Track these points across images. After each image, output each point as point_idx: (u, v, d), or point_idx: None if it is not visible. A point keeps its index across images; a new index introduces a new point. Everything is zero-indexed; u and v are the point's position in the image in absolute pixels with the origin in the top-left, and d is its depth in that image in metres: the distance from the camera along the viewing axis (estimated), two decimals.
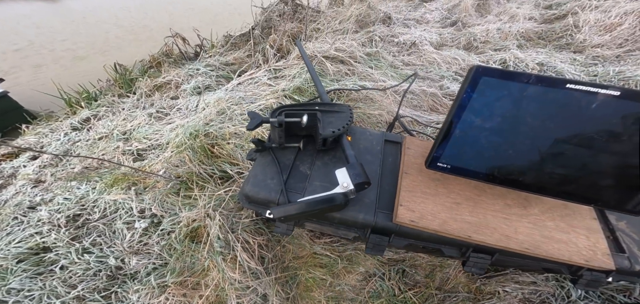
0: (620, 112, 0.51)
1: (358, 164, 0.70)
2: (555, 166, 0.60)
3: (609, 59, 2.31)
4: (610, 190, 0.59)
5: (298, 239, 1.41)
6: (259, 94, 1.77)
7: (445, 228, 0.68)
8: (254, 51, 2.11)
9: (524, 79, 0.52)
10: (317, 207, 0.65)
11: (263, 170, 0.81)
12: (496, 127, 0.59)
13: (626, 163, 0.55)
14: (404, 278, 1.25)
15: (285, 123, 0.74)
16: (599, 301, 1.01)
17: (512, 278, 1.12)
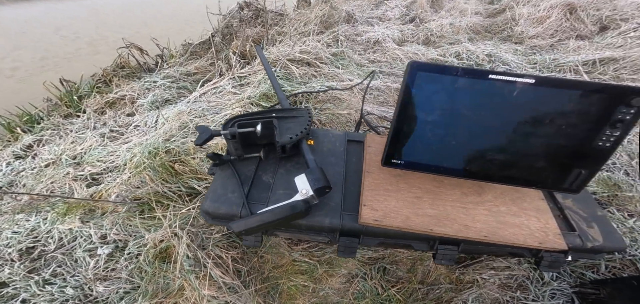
0: (538, 98, 0.56)
1: (318, 168, 0.69)
2: (493, 153, 0.65)
3: (544, 48, 2.55)
4: (546, 171, 0.65)
5: (276, 248, 1.38)
6: (224, 103, 1.71)
7: (408, 224, 0.70)
8: (216, 59, 2.03)
9: (454, 72, 0.55)
10: (277, 216, 0.64)
11: (223, 184, 0.78)
12: (437, 120, 0.62)
13: (552, 144, 0.60)
14: (385, 276, 1.27)
15: (238, 134, 0.71)
16: (570, 280, 1.05)
17: (487, 265, 1.16)
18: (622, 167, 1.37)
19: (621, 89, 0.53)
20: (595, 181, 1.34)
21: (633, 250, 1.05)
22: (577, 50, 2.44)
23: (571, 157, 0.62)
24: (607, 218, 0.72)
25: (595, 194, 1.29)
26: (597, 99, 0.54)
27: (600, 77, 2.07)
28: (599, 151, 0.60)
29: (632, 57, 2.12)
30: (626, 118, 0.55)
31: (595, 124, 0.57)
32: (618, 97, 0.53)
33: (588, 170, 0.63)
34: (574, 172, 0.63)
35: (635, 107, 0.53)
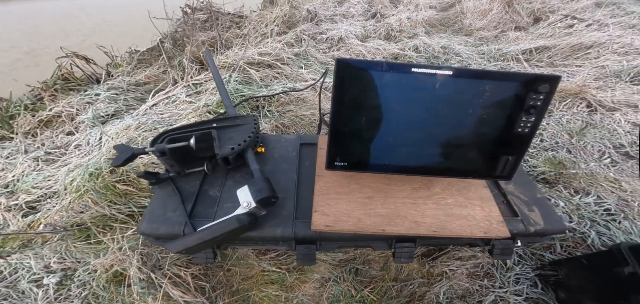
0: (458, 89, 0.57)
1: (262, 178, 0.66)
2: (427, 148, 0.65)
3: (490, 39, 2.71)
4: (477, 161, 0.67)
5: (244, 259, 1.32)
6: (178, 114, 1.60)
7: (360, 227, 0.69)
8: (169, 66, 1.90)
9: (379, 68, 0.55)
10: (219, 233, 0.59)
11: (162, 203, 0.72)
12: (371, 117, 0.62)
13: (477, 134, 0.62)
14: (358, 277, 1.25)
15: (169, 150, 0.65)
16: (532, 263, 1.08)
17: (454, 256, 1.18)
18: (564, 145, 1.48)
19: (529, 77, 0.56)
20: (542, 161, 1.43)
21: (581, 227, 1.12)
22: (516, 40, 2.63)
23: (497, 145, 0.64)
24: (546, 200, 0.76)
25: (544, 174, 1.38)
26: (511, 87, 0.57)
27: (537, 64, 2.24)
28: (519, 137, 0.62)
29: (561, 45, 2.33)
30: (537, 104, 0.57)
31: (513, 111, 0.59)
32: (528, 84, 0.56)
33: (514, 156, 0.65)
34: (503, 160, 0.66)
35: (544, 93, 0.56)
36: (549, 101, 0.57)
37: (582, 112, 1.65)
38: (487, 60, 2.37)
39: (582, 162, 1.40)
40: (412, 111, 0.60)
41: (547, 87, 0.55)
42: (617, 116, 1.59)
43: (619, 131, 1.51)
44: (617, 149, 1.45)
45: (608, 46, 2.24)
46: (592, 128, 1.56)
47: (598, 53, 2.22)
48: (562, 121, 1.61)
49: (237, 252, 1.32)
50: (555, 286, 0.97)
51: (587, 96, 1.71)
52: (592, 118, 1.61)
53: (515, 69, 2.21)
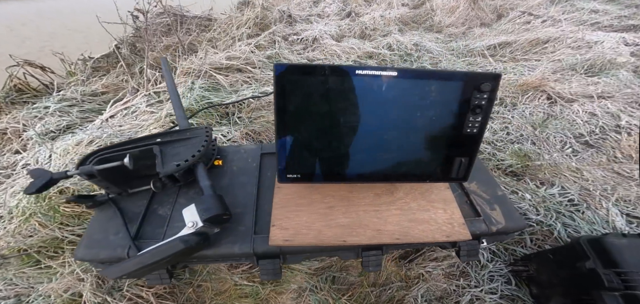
0: (404, 91, 0.55)
1: (212, 196, 0.61)
2: (381, 153, 0.63)
3: (458, 35, 2.79)
4: (432, 164, 0.65)
5: (216, 274, 1.25)
6: (138, 125, 1.50)
7: (320, 239, 0.66)
8: (129, 74, 1.78)
9: (321, 72, 0.52)
10: (162, 256, 0.54)
11: (102, 226, 0.67)
12: (317, 124, 0.58)
13: (428, 136, 0.61)
14: (335, 285, 1.22)
15: (98, 172, 0.59)
16: (506, 259, 1.08)
17: (429, 257, 1.17)
18: (528, 138, 1.52)
19: (472, 76, 0.55)
20: (509, 154, 1.46)
21: (548, 219, 1.13)
22: (481, 36, 2.72)
23: (448, 147, 0.63)
24: (506, 198, 0.76)
25: (511, 167, 1.41)
26: (455, 87, 0.55)
27: (501, 59, 2.32)
28: (469, 138, 0.61)
29: (520, 40, 2.43)
30: (482, 103, 0.56)
31: (460, 112, 0.58)
32: (470, 84, 0.55)
33: (467, 157, 0.64)
34: (456, 161, 0.64)
35: (487, 91, 0.55)
36: (493, 99, 0.56)
37: (543, 104, 1.72)
38: (456, 57, 2.43)
39: (546, 153, 1.44)
40: (361, 116, 0.57)
41: (489, 86, 0.54)
42: (575, 107, 1.66)
43: (578, 121, 1.58)
44: (577, 138, 1.51)
45: (562, 41, 2.37)
46: (553, 119, 1.62)
47: (554, 47, 2.34)
48: (525, 114, 1.66)
49: (208, 266, 1.26)
50: (528, 281, 0.97)
51: (546, 89, 1.78)
52: (553, 110, 1.68)
53: (481, 64, 2.27)
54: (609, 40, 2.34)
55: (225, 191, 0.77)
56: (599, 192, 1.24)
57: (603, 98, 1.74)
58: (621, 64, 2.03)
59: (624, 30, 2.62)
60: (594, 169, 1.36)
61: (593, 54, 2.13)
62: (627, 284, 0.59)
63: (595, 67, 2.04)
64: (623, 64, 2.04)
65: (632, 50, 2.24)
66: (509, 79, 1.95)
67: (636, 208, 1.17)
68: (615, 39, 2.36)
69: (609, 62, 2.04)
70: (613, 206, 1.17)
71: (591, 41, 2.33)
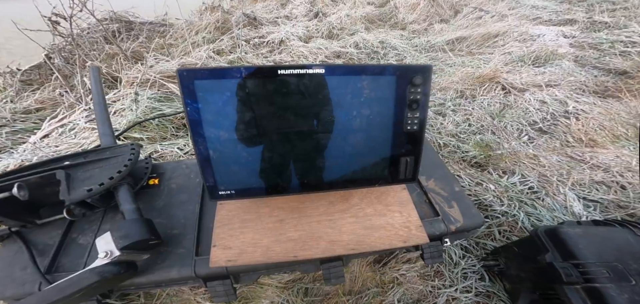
0: (335, 89, 0.50)
1: (134, 220, 0.52)
2: (323, 161, 0.57)
3: (420, 32, 2.85)
4: (378, 167, 0.61)
5: (178, 295, 1.14)
6: (77, 144, 1.33)
7: (269, 256, 0.59)
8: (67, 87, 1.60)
9: (236, 74, 0.46)
10: (71, 291, 0.46)
11: (8, 262, 0.58)
12: (243, 133, 0.52)
13: (368, 137, 0.57)
14: (308, 297, 1.16)
15: None
16: (478, 254, 1.06)
17: (401, 260, 1.14)
18: (488, 128, 1.56)
19: (402, 69, 0.51)
20: (472, 145, 1.49)
21: (512, 209, 1.13)
22: (441, 32, 2.81)
23: (392, 148, 0.59)
24: (463, 194, 0.74)
25: (475, 158, 1.43)
26: (387, 82, 0.52)
27: (459, 53, 2.41)
28: (411, 135, 0.58)
29: (474, 35, 2.55)
30: (418, 98, 0.53)
31: (397, 109, 0.55)
32: (402, 77, 0.52)
33: (412, 156, 0.60)
34: (402, 162, 0.61)
35: (420, 85, 0.52)
36: (428, 93, 0.53)
37: (499, 94, 1.78)
38: (419, 52, 2.47)
39: (505, 142, 1.48)
40: (292, 120, 0.51)
41: (421, 79, 0.51)
42: (527, 96, 1.74)
43: (530, 109, 1.65)
44: (531, 126, 1.58)
45: (510, 34, 2.51)
46: (509, 109, 1.68)
47: (503, 41, 2.47)
48: (484, 104, 1.71)
49: (167, 289, 1.15)
50: (500, 276, 0.95)
51: (500, 80, 1.85)
52: (508, 99, 1.74)
53: (442, 59, 2.33)
54: (550, 33, 2.52)
55: (160, 211, 0.68)
56: (556, 178, 1.28)
57: (550, 86, 1.84)
58: (563, 55, 2.18)
59: (562, 24, 2.84)
60: (550, 155, 1.41)
61: (537, 46, 2.27)
62: (586, 277, 0.58)
63: (540, 58, 2.17)
64: (564, 55, 2.19)
65: (570, 41, 2.42)
66: (467, 72, 2.00)
67: (591, 192, 1.22)
68: (554, 32, 2.54)
69: (552, 53, 2.18)
70: (570, 190, 1.21)
71: (535, 35, 2.49)
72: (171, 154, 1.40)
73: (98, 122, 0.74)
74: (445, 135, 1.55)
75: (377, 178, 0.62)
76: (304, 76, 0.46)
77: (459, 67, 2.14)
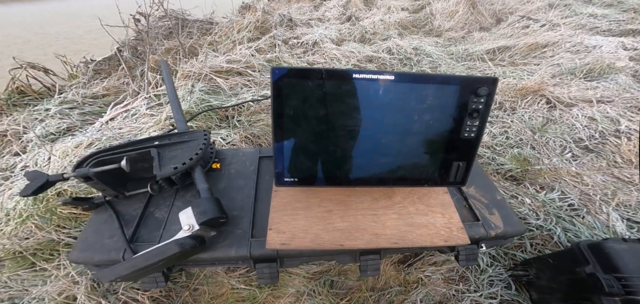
0: (402, 94, 0.55)
1: (209, 199, 0.61)
2: (379, 157, 0.63)
3: (457, 39, 2.79)
4: (430, 168, 0.65)
5: (213, 277, 1.24)
6: (137, 128, 1.50)
7: (318, 243, 0.65)
8: (130, 77, 1.79)
9: (318, 75, 0.51)
10: (156, 259, 0.54)
11: (97, 230, 0.66)
12: (315, 128, 0.58)
13: (426, 140, 0.61)
14: (333, 289, 1.21)
15: (95, 175, 0.59)
16: (505, 263, 1.07)
17: (428, 262, 1.16)
18: (528, 142, 1.52)
19: (468, 80, 0.54)
20: (509, 158, 1.46)
21: (548, 224, 1.13)
22: (481, 40, 2.74)
23: (446, 151, 0.63)
24: (505, 202, 0.75)
25: (511, 171, 1.40)
26: (452, 91, 0.55)
27: (500, 63, 2.33)
28: (467, 142, 0.61)
29: (519, 44, 2.44)
30: (479, 107, 0.56)
31: (457, 116, 0.58)
32: (467, 88, 0.55)
33: (464, 161, 0.63)
34: (454, 166, 0.64)
35: (483, 96, 0.54)
36: (490, 104, 0.56)
37: (543, 108, 1.72)
38: (455, 61, 2.43)
39: (546, 158, 1.44)
40: (358, 120, 0.57)
41: (486, 90, 0.54)
42: (574, 111, 1.66)
43: (577, 125, 1.58)
44: (577, 143, 1.51)
45: (561, 45, 2.37)
46: (553, 124, 1.62)
47: (553, 52, 2.34)
48: (524, 118, 1.66)
49: (205, 270, 1.25)
50: (528, 286, 0.96)
51: (545, 93, 1.78)
52: (552, 114, 1.67)
53: (480, 68, 2.27)
54: (608, 44, 2.35)
55: (222, 194, 0.76)
56: (599, 197, 1.23)
57: (602, 102, 1.74)
58: (620, 69, 2.04)
59: (623, 34, 2.63)
60: (594, 174, 1.35)
61: (592, 59, 2.13)
62: (628, 289, 0.59)
63: (594, 71, 2.04)
64: (622, 69, 2.04)
65: (631, 54, 2.25)
66: (508, 84, 1.95)
67: (637, 213, 1.16)
68: (613, 43, 2.37)
69: (608, 67, 2.04)
70: (613, 210, 1.16)
71: (590, 46, 2.34)
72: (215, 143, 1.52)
73: (173, 110, 0.85)
74: (481, 146, 1.53)
75: (427, 179, 0.66)
76: (376, 80, 0.51)
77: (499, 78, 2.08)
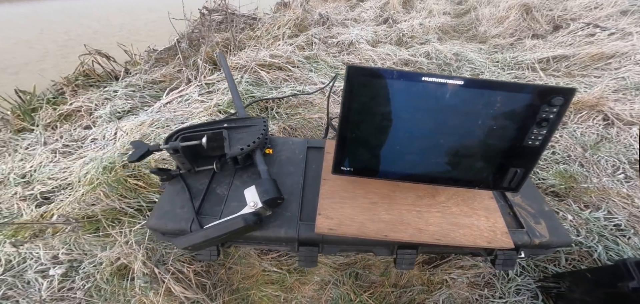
0: (468, 99, 0.56)
1: (269, 179, 0.67)
2: (434, 157, 0.65)
3: (505, 47, 2.66)
4: (484, 172, 0.66)
5: (246, 258, 1.34)
6: (190, 112, 1.64)
7: (363, 231, 0.69)
8: (184, 65, 1.96)
9: (389, 76, 0.55)
10: (225, 231, 0.61)
11: (171, 199, 0.74)
12: (379, 124, 0.62)
13: (486, 144, 0.62)
14: (357, 281, 1.25)
15: (182, 148, 0.68)
16: (534, 275, 1.07)
17: (455, 265, 1.17)
18: (577, 159, 1.44)
19: (542, 89, 0.55)
20: (552, 174, 1.40)
21: (589, 241, 1.09)
22: (533, 48, 2.57)
23: (505, 157, 0.63)
24: (553, 214, 0.75)
25: (553, 187, 1.35)
26: (522, 99, 0.56)
27: (554, 74, 2.18)
28: (530, 150, 0.61)
29: (580, 54, 2.25)
30: (550, 117, 0.56)
31: (523, 123, 0.58)
32: (540, 97, 0.55)
33: (523, 169, 0.64)
34: (511, 172, 0.64)
35: (557, 106, 0.54)
36: (562, 114, 0.56)
37: (598, 125, 1.61)
38: (500, 69, 2.33)
39: (595, 177, 1.36)
40: (421, 119, 0.60)
41: (561, 100, 0.54)
42: (634, 131, 1.54)
43: (635, 146, 1.46)
44: (632, 164, 1.41)
45: (630, 56, 2.15)
46: (608, 142, 1.51)
47: (619, 64, 2.13)
48: (576, 134, 1.57)
49: (239, 251, 1.34)
50: (556, 298, 0.97)
51: (604, 109, 1.66)
52: (608, 132, 1.56)
53: (530, 78, 2.16)
54: None
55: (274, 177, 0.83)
56: None
57: None
58: None
59: None
60: None
61: None
62: None
63: None
64: None
65: None
66: None
67: None
68: None
69: None
70: None
71: None
72: None
73: (234, 98, 0.94)
74: None
75: (479, 181, 0.68)
76: (444, 84, 0.54)
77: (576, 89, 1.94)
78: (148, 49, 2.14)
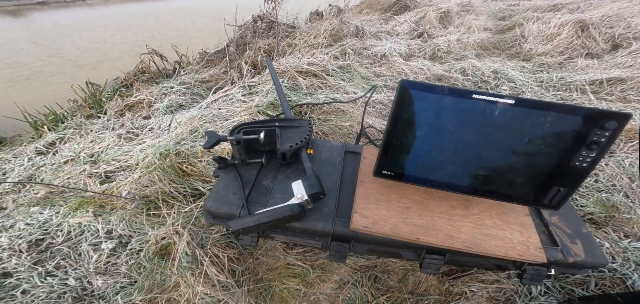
0: (517, 118, 0.59)
1: (314, 175, 0.75)
2: (476, 169, 0.68)
3: (552, 66, 2.52)
4: (526, 188, 0.67)
5: (272, 251, 1.42)
6: (233, 110, 1.79)
7: (396, 232, 0.74)
8: (229, 67, 2.14)
9: (440, 91, 0.59)
10: (273, 218, 0.69)
11: (225, 186, 0.84)
12: (425, 135, 0.66)
13: (531, 162, 0.63)
14: (376, 284, 1.28)
15: (243, 140, 0.78)
16: (559, 296, 1.05)
17: (476, 278, 1.17)
18: (621, 189, 1.37)
19: (596, 113, 0.55)
20: (593, 201, 1.34)
21: (624, 269, 1.05)
22: (585, 69, 2.39)
23: (550, 176, 0.64)
24: (591, 236, 0.74)
25: (592, 214, 1.29)
26: (574, 121, 0.56)
27: (606, 97, 2.04)
28: (576, 171, 0.62)
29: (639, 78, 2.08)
30: (601, 140, 0.56)
31: (572, 144, 0.59)
32: (593, 120, 0.56)
33: (566, 188, 0.64)
34: (553, 190, 0.65)
35: (610, 130, 0.54)
36: (614, 139, 0.55)
37: None
38: (545, 89, 2.23)
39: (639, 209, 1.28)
40: (466, 134, 0.63)
41: (615, 125, 0.54)
42: None
43: None
44: None
45: None
46: None
47: None
48: (624, 163, 1.49)
49: (267, 243, 1.43)
50: None
51: None
52: None
53: (578, 100, 2.04)
54: None
55: None
56: None
57: None
58: None
59: None
60: None
61: None
62: None
63: None
64: None
65: None
66: None
67: None
68: None
69: None
70: None
71: None
72: None
73: (281, 100, 1.04)
74: None
75: (519, 197, 0.70)
76: (494, 102, 0.57)
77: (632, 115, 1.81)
78: (201, 51, 2.39)
